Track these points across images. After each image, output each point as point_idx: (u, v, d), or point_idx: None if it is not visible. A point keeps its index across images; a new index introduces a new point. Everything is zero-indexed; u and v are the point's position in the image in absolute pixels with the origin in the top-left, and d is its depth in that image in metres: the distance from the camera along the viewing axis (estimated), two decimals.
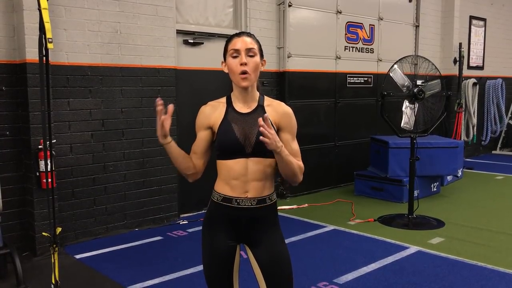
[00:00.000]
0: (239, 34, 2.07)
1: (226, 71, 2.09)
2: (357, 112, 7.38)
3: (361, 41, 7.36)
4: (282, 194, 6.39)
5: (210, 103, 2.15)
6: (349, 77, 7.22)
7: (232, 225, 2.10)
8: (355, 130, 7.38)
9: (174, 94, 5.28)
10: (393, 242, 4.67)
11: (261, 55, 2.09)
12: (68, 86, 4.54)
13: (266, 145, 1.85)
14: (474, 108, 9.48)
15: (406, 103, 5.40)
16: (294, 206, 6.05)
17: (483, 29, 10.02)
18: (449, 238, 4.79)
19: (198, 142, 2.13)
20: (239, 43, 2.02)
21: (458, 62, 8.93)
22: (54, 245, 3.26)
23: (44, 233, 3.44)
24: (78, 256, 4.32)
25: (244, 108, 2.09)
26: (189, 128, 5.54)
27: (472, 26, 9.71)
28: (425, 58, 5.45)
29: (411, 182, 5.43)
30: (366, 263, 4.10)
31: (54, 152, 4.21)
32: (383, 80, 5.53)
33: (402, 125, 5.41)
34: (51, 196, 3.38)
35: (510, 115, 10.53)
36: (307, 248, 4.53)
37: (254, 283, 2.19)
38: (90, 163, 4.72)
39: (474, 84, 9.43)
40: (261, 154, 2.04)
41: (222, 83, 5.65)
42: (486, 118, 10.18)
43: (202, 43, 5.63)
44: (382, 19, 7.63)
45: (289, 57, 6.33)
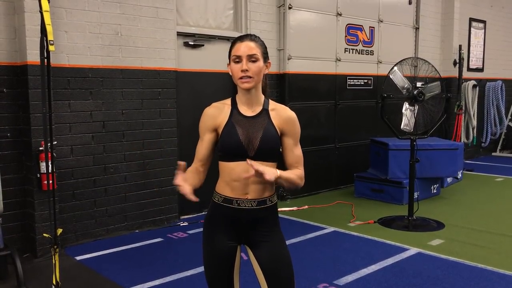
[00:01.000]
0: (243, 39, 2.06)
1: (230, 73, 2.09)
2: (357, 114, 7.39)
3: (361, 43, 7.38)
4: (282, 196, 6.40)
5: (214, 105, 2.14)
6: (349, 79, 7.24)
7: (232, 226, 2.11)
8: (355, 132, 7.39)
9: (175, 96, 5.30)
10: (393, 243, 4.68)
11: (265, 58, 2.08)
12: (68, 88, 4.55)
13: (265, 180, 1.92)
14: (474, 110, 9.49)
15: (406, 105, 5.41)
16: (294, 208, 6.06)
17: (483, 31, 10.04)
18: (449, 240, 4.80)
19: (204, 146, 2.11)
20: (241, 49, 2.02)
21: (458, 64, 8.94)
22: (55, 246, 3.27)
23: (45, 234, 3.45)
24: (78, 257, 4.33)
25: (248, 111, 2.10)
26: (189, 129, 5.60)
27: (472, 28, 9.72)
28: (425, 60, 5.46)
29: (411, 184, 5.44)
30: (366, 265, 4.11)
31: (54, 153, 4.22)
32: (383, 82, 5.54)
33: (402, 127, 5.42)
34: (52, 197, 3.39)
35: (510, 117, 10.55)
36: (307, 249, 4.53)
37: (255, 285, 2.20)
38: (90, 165, 4.73)
39: (474, 86, 9.44)
40: (263, 158, 2.05)
41: (222, 85, 5.67)
42: (486, 120, 10.20)
43: (203, 45, 5.64)
44: (382, 21, 7.65)
45: (289, 59, 6.35)
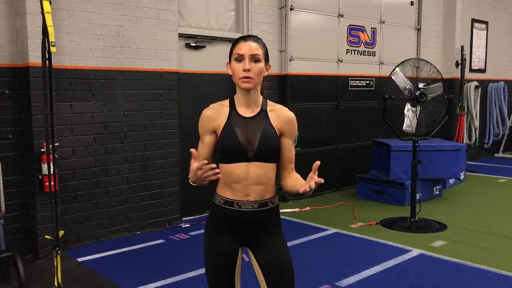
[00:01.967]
0: (246, 38, 2.06)
1: (230, 73, 2.08)
2: (359, 115, 7.38)
3: (363, 44, 7.37)
4: (284, 197, 6.39)
5: (212, 106, 2.13)
6: (351, 80, 7.23)
7: (234, 228, 2.10)
8: (357, 133, 7.38)
9: (176, 97, 5.30)
10: (395, 245, 4.67)
11: (266, 60, 2.08)
12: (70, 90, 4.56)
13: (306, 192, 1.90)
14: (476, 111, 9.48)
15: (408, 106, 5.40)
16: (296, 209, 6.05)
17: (485, 32, 10.02)
18: (451, 241, 4.78)
19: (206, 147, 2.10)
20: (244, 48, 2.01)
21: (460, 65, 8.92)
22: (57, 248, 3.26)
23: (46, 236, 3.44)
24: (80, 259, 4.33)
25: (247, 112, 2.09)
26: (191, 131, 5.58)
27: (474, 29, 9.71)
28: (427, 61, 5.45)
29: (413, 185, 5.43)
30: (368, 266, 4.10)
31: (56, 155, 4.22)
32: (385, 83, 5.53)
33: (404, 128, 5.41)
34: (54, 199, 3.39)
35: None
36: (309, 251, 4.52)
37: (256, 286, 2.19)
38: (92, 166, 4.73)
39: (476, 87, 9.42)
40: (262, 158, 2.05)
41: (224, 86, 5.67)
42: (489, 121, 10.17)
43: (204, 47, 5.64)
44: (384, 22, 7.64)
45: (291, 60, 6.35)
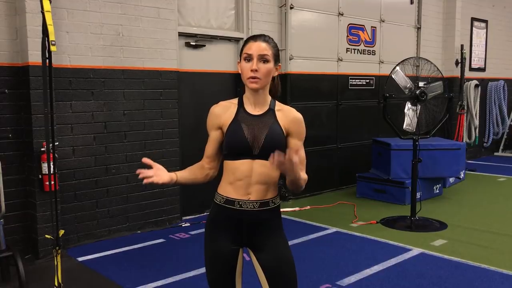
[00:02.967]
0: (256, 38, 2.07)
1: (240, 71, 2.10)
2: (359, 114, 7.38)
3: (363, 43, 7.37)
4: (285, 196, 6.38)
5: (221, 103, 2.15)
6: (351, 79, 7.23)
7: (234, 227, 2.10)
8: (357, 132, 7.38)
9: (176, 96, 5.29)
10: (395, 244, 4.67)
11: (276, 60, 2.09)
12: (70, 89, 4.55)
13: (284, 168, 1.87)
14: (476, 110, 9.48)
15: (408, 105, 5.40)
16: (296, 208, 6.05)
17: (485, 30, 10.02)
18: (451, 240, 4.78)
19: (211, 143, 2.15)
20: (253, 48, 2.03)
21: (460, 64, 8.92)
22: (57, 247, 3.26)
23: (47, 235, 3.44)
24: (80, 258, 4.32)
25: (255, 110, 2.10)
26: (191, 130, 5.59)
27: (474, 28, 9.70)
28: (427, 60, 5.45)
29: (414, 184, 5.43)
30: (368, 265, 4.10)
31: (56, 154, 4.21)
32: (385, 82, 5.53)
33: (404, 127, 5.41)
34: (54, 198, 3.38)
35: None
36: (310, 250, 4.52)
37: (257, 286, 2.19)
38: (92, 166, 4.73)
39: (476, 86, 9.42)
40: (267, 157, 2.02)
41: (224, 85, 5.66)
42: (488, 120, 10.17)
43: (204, 46, 5.63)
44: (383, 21, 7.64)
45: (291, 59, 6.34)
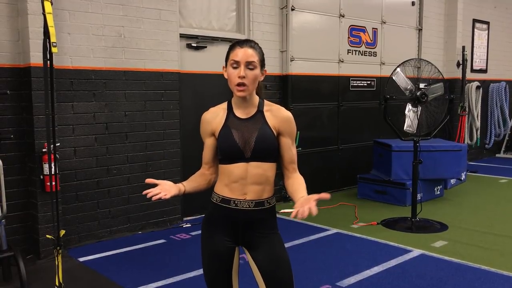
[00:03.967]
0: (242, 44, 2.06)
1: (226, 77, 2.11)
2: (360, 115, 7.39)
3: (364, 44, 7.38)
4: (285, 197, 6.39)
5: (211, 110, 2.19)
6: (352, 80, 7.23)
7: (230, 226, 2.13)
8: (358, 133, 7.39)
9: (178, 97, 5.31)
10: (396, 245, 4.67)
11: (262, 66, 2.10)
12: (72, 90, 4.57)
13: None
14: (477, 111, 9.47)
15: (409, 106, 5.40)
16: None
17: (487, 32, 10.02)
18: (452, 241, 4.78)
19: (207, 150, 2.20)
20: (240, 55, 2.03)
21: (461, 65, 8.92)
22: (58, 247, 3.27)
23: (48, 235, 3.45)
24: (81, 259, 4.34)
25: (243, 114, 2.13)
26: (192, 131, 5.60)
27: (475, 29, 9.70)
28: (427, 61, 5.45)
29: (414, 185, 5.43)
30: (369, 267, 4.10)
31: (58, 155, 4.23)
32: (386, 83, 5.53)
33: (405, 128, 5.42)
34: (55, 199, 3.40)
35: None
36: (310, 251, 4.53)
37: (254, 286, 2.20)
38: (93, 166, 4.74)
39: (478, 87, 9.42)
40: (260, 158, 2.08)
41: (225, 87, 5.63)
42: (490, 121, 10.16)
43: (205, 47, 5.65)
44: (385, 23, 7.64)
45: (292, 60, 6.35)
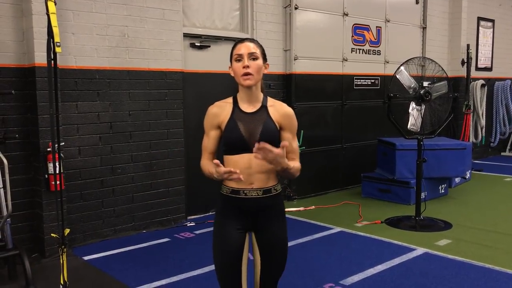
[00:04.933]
0: (242, 40, 2.25)
1: (233, 75, 2.26)
2: (364, 114, 7.38)
3: (368, 43, 7.36)
4: (289, 196, 6.40)
5: (217, 104, 2.31)
6: (356, 79, 7.22)
7: (241, 214, 2.26)
8: (362, 132, 7.38)
9: (181, 97, 5.32)
10: (400, 244, 4.66)
11: (264, 58, 2.26)
12: (76, 90, 4.59)
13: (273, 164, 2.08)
14: (482, 109, 9.44)
15: (412, 105, 5.39)
16: (301, 208, 6.06)
17: (491, 30, 9.98)
18: (456, 240, 4.77)
19: (211, 141, 2.31)
20: (243, 49, 2.20)
21: (466, 64, 8.89)
22: (63, 246, 3.29)
23: (52, 234, 3.47)
24: (86, 257, 4.36)
25: (249, 108, 2.26)
26: (195, 130, 5.61)
27: (480, 27, 9.66)
28: (431, 59, 5.44)
29: (418, 183, 5.42)
30: (372, 265, 4.10)
31: (62, 154, 4.26)
32: (390, 82, 5.52)
33: (409, 126, 5.40)
34: (60, 198, 3.42)
35: None
36: (314, 249, 4.53)
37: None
38: (98, 166, 4.77)
39: (483, 85, 9.38)
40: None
41: (228, 86, 5.66)
42: (495, 119, 10.12)
43: (209, 46, 5.66)
44: (389, 21, 7.63)
45: (295, 59, 6.35)
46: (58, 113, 3.48)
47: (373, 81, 7.48)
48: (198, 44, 5.58)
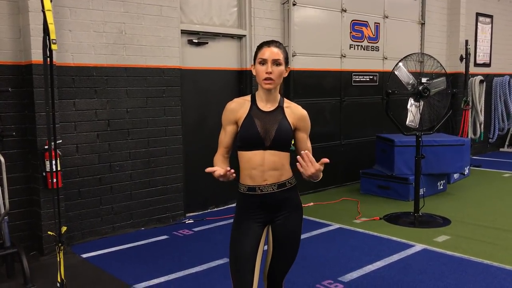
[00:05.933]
0: (269, 44, 2.33)
1: (254, 73, 2.35)
2: (362, 110, 7.37)
3: (366, 39, 7.35)
4: None
5: (236, 100, 2.42)
6: (354, 75, 7.21)
7: (260, 209, 2.36)
8: (361, 128, 7.37)
9: (179, 94, 5.31)
10: (398, 240, 4.66)
11: (286, 63, 2.35)
12: (73, 87, 4.57)
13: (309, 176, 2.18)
14: (481, 105, 9.43)
15: (411, 101, 5.38)
16: None
17: (490, 26, 9.96)
18: (455, 236, 4.78)
19: (228, 135, 2.40)
20: (267, 53, 2.29)
21: (464, 60, 8.88)
22: (60, 244, 3.28)
23: (49, 232, 3.47)
24: (84, 255, 4.36)
25: (266, 106, 2.36)
26: (194, 126, 5.62)
27: (478, 23, 9.65)
28: (430, 55, 5.43)
29: (417, 180, 5.41)
30: (371, 261, 4.10)
31: (60, 152, 4.25)
32: (388, 78, 5.51)
33: (407, 123, 5.40)
34: (57, 196, 3.41)
35: None
36: (313, 246, 4.53)
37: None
38: (96, 163, 4.76)
39: (481, 81, 9.38)
40: (277, 147, 2.31)
41: (226, 83, 5.66)
42: (494, 115, 10.12)
43: (207, 43, 5.64)
44: (387, 17, 7.61)
45: (294, 56, 6.33)
46: (55, 110, 3.47)
47: (371, 77, 7.46)
48: (196, 40, 5.56)
